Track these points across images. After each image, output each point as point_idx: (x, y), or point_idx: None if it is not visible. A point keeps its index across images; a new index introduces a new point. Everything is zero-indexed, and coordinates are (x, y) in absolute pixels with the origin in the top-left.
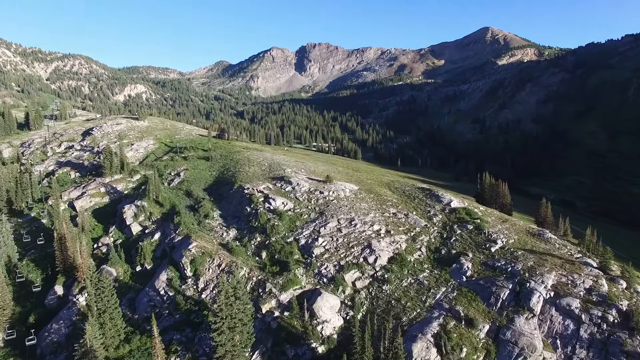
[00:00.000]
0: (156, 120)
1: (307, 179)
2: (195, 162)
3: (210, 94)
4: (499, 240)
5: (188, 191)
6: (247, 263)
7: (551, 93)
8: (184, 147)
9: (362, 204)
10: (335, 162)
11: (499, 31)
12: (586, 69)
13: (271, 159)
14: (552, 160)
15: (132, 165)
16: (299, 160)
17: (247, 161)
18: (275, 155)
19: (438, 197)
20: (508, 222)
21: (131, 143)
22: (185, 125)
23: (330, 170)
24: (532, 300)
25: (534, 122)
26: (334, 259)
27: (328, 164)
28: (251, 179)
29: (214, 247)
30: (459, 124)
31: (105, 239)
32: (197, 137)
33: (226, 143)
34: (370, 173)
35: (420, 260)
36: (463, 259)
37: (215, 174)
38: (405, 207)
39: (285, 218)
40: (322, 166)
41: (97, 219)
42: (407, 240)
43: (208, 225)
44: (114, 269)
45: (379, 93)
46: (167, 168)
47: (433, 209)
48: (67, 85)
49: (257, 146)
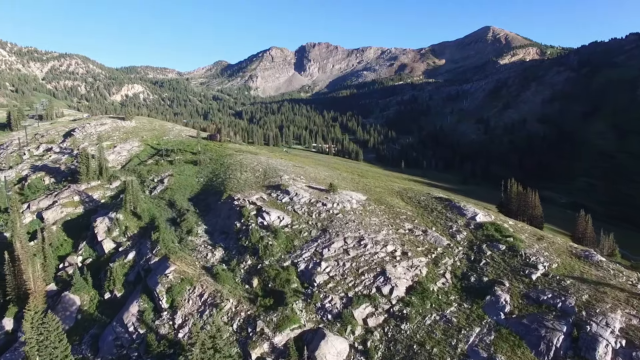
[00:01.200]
0: (144, 120)
1: (307, 187)
2: (181, 166)
3: (209, 94)
4: (540, 265)
5: (171, 201)
6: (234, 293)
7: (557, 92)
8: (170, 150)
9: (372, 219)
10: (338, 166)
11: (500, 30)
12: (591, 67)
13: (266, 164)
14: (561, 162)
15: (112, 170)
16: (297, 165)
17: (239, 166)
18: (272, 159)
19: (460, 209)
20: (544, 239)
21: (114, 145)
22: (176, 125)
23: (334, 176)
24: (597, 350)
25: (540, 122)
26: (341, 289)
27: (330, 169)
28: (243, 187)
29: (196, 271)
30: (462, 124)
31: (72, 258)
32: (186, 138)
33: (217, 145)
34: (378, 179)
35: (445, 290)
36: (498, 289)
37: (203, 181)
38: (422, 221)
39: (282, 236)
40: (324, 171)
41: (68, 233)
42: (427, 264)
43: (191, 244)
44: (78, 297)
45: (380, 93)
46: (151, 173)
47: (455, 224)
48: (63, 85)
49: (251, 148)
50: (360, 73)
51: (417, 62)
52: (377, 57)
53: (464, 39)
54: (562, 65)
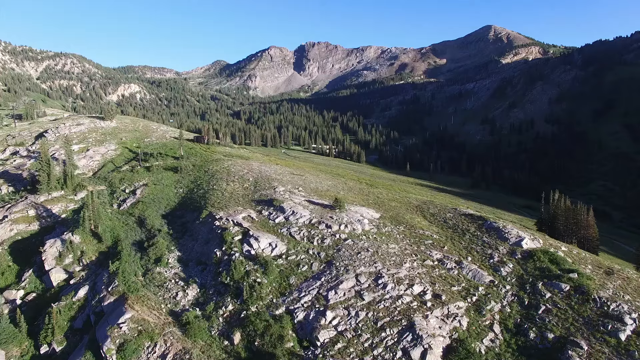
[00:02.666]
0: (127, 120)
1: (307, 202)
2: (159, 174)
3: (207, 94)
4: (627, 317)
5: (141, 218)
6: (208, 353)
7: (564, 91)
8: (149, 154)
9: (391, 245)
10: (342, 171)
11: (501, 29)
12: (600, 66)
13: (258, 171)
14: (574, 164)
15: (80, 178)
16: (295, 173)
17: (226, 174)
18: (265, 166)
19: (498, 231)
20: (615, 274)
21: (87, 148)
22: (161, 126)
23: (338, 186)
24: None
25: (548, 122)
26: (354, 353)
27: (333, 176)
28: (227, 202)
29: (160, 319)
30: (467, 124)
31: (11, 293)
32: (170, 140)
33: (204, 148)
34: (389, 188)
35: (496, 352)
36: (573, 353)
37: (182, 192)
38: (453, 248)
39: (274, 271)
40: (327, 180)
41: (15, 257)
42: (468, 312)
43: (158, 277)
44: (4, 351)
45: (380, 92)
46: (123, 182)
47: (496, 252)
48: (58, 84)
49: (243, 152)
50: (360, 73)
51: (417, 62)
52: (377, 57)
53: (465, 38)
54: (569, 64)
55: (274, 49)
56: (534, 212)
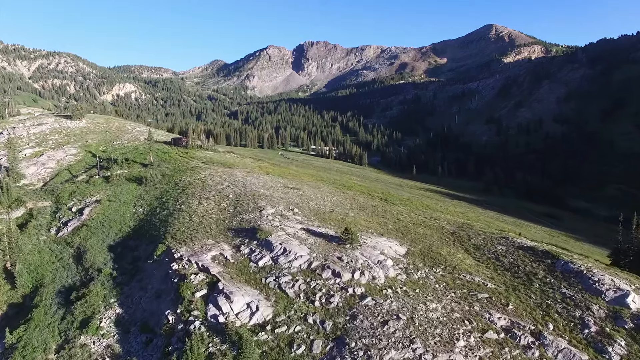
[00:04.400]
0: (100, 120)
1: (304, 232)
2: (120, 186)
3: (204, 94)
4: None
5: (81, 250)
6: None
7: (572, 90)
8: (114, 161)
9: (431, 305)
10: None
11: (503, 28)
12: (608, 64)
13: (242, 184)
14: (586, 166)
15: (23, 190)
16: (290, 185)
17: (200, 188)
18: (252, 176)
19: (582, 277)
20: None
21: (41, 153)
22: (138, 126)
23: (346, 203)
24: None
25: (557, 121)
26: None
27: (338, 190)
28: (194, 231)
29: None
30: (472, 124)
31: None
32: (144, 143)
33: (182, 153)
34: (411, 205)
35: None
36: None
37: (142, 213)
38: (522, 305)
39: (252, 354)
40: (331, 194)
41: None
42: None
43: (79, 355)
44: None
45: (381, 92)
46: (73, 197)
47: (589, 315)
48: (50, 84)
49: (228, 157)
50: (359, 72)
51: (418, 61)
52: (377, 56)
53: (466, 37)
54: (576, 62)
55: (272, 48)
56: (559, 222)
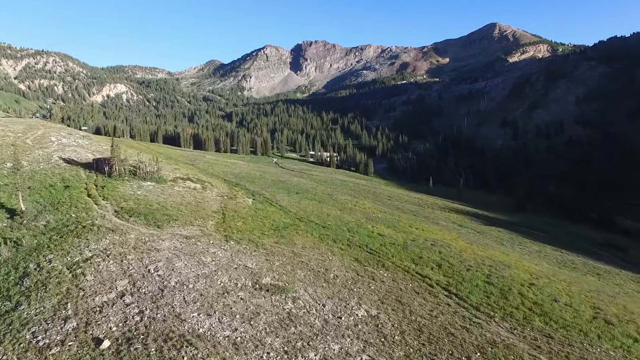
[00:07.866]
0: (19, 126)
1: None
2: None
3: (199, 95)
4: None
5: None
6: None
7: (592, 89)
8: None
9: None
10: (368, 213)
11: (507, 27)
12: (630, 61)
13: (156, 292)
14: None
15: None
16: (265, 283)
17: (58, 299)
18: (189, 258)
19: None
20: None
21: None
22: (73, 135)
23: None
24: None
25: (579, 123)
26: None
27: (361, 265)
28: None
29: None
30: (483, 126)
31: None
32: (56, 166)
33: (97, 186)
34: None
35: None
36: None
37: None
38: None
39: None
40: (358, 309)
41: None
42: None
43: None
44: None
45: (382, 93)
46: None
47: None
48: (37, 84)
49: (174, 197)
50: (359, 72)
51: (419, 61)
52: (377, 56)
53: (469, 37)
54: (593, 60)
55: (269, 48)
56: (625, 255)
